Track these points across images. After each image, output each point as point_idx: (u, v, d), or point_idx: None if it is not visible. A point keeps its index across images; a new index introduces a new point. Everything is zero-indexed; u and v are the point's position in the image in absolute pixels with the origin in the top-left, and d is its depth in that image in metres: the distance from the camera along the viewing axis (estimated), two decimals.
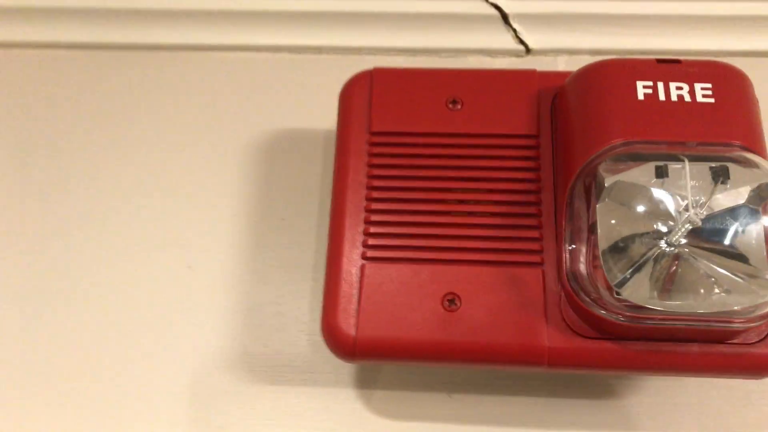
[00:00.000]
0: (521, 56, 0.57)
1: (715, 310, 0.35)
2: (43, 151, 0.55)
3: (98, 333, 0.49)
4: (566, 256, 0.38)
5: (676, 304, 0.35)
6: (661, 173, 0.36)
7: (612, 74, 0.40)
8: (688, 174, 0.35)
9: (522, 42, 0.56)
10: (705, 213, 0.35)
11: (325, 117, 0.54)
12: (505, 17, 0.56)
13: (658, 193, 0.36)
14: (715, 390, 0.46)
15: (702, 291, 0.35)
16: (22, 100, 0.57)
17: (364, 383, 0.47)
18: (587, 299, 0.37)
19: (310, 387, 0.47)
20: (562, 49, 0.56)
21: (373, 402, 0.46)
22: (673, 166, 0.36)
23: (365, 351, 0.39)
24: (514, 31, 0.56)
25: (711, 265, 0.35)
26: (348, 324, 0.39)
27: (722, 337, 0.37)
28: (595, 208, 0.37)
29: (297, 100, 0.55)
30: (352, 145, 0.43)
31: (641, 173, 0.36)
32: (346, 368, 0.47)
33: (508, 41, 0.57)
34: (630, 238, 0.36)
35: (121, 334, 0.48)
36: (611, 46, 0.56)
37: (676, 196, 0.35)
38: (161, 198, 0.52)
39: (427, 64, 0.57)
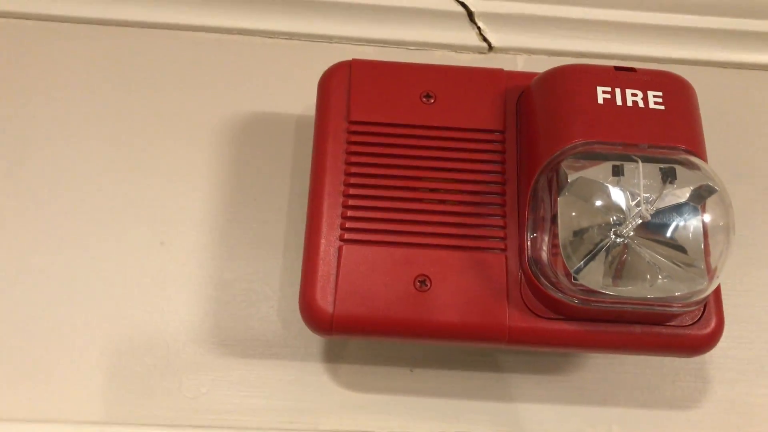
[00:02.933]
0: (484, 53, 0.60)
1: (658, 295, 0.39)
2: (15, 125, 0.54)
3: (72, 306, 0.49)
4: (528, 243, 0.42)
5: (625, 289, 0.39)
6: (617, 172, 0.40)
7: (575, 79, 0.43)
8: (642, 173, 0.39)
9: (485, 39, 0.59)
10: (654, 209, 0.39)
11: (296, 102, 0.56)
12: (470, 15, 0.59)
13: (614, 190, 0.40)
14: (649, 368, 0.51)
15: (648, 277, 0.39)
16: None
17: (332, 358, 0.49)
18: (546, 283, 0.40)
19: (279, 360, 0.49)
20: (521, 48, 0.60)
21: (340, 375, 0.49)
22: (628, 166, 0.40)
23: (341, 327, 0.41)
24: (479, 29, 0.59)
25: (655, 254, 0.39)
26: (326, 301, 0.41)
27: (662, 319, 0.41)
28: (557, 200, 0.40)
29: (268, 84, 0.57)
30: (331, 132, 0.45)
31: (600, 171, 0.40)
32: (314, 343, 0.50)
33: (472, 38, 0.60)
34: (587, 229, 0.39)
35: (95, 308, 0.49)
36: (568, 48, 0.59)
37: (629, 193, 0.39)
38: (136, 175, 0.53)
39: (395, 55, 0.59)
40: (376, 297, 0.41)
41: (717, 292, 0.43)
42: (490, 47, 0.60)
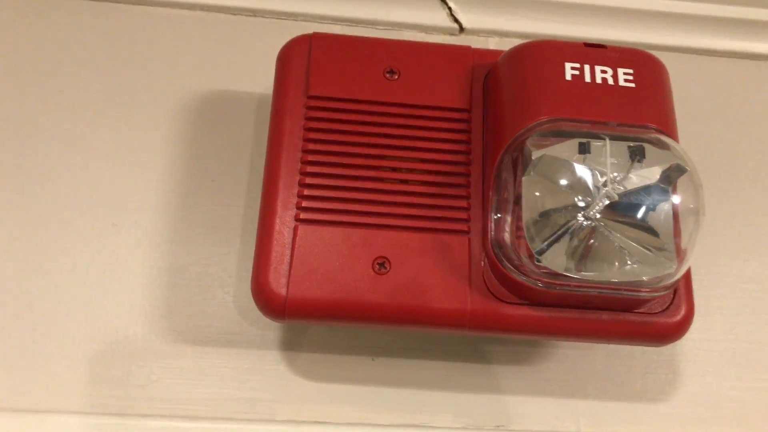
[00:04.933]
0: (455, 34, 0.58)
1: (626, 279, 0.37)
2: None
3: (21, 289, 0.47)
4: (491, 225, 0.40)
5: (590, 273, 0.37)
6: (583, 149, 0.38)
7: (542, 55, 0.42)
8: (609, 151, 0.38)
9: (456, 20, 0.58)
10: (621, 189, 0.37)
11: (258, 80, 0.54)
12: None
13: (580, 169, 0.38)
14: (619, 360, 0.49)
15: (615, 261, 0.37)
16: None
17: (290, 346, 0.47)
18: (509, 266, 0.39)
19: (235, 348, 0.47)
20: (493, 30, 0.58)
21: (298, 364, 0.47)
22: (594, 144, 0.38)
23: (295, 311, 0.39)
24: (449, 9, 0.58)
25: (624, 237, 0.38)
26: (279, 284, 0.39)
27: (630, 305, 0.40)
28: (521, 180, 0.38)
29: (229, 62, 0.55)
30: (288, 108, 0.43)
31: (565, 149, 0.38)
32: (272, 331, 0.47)
33: (443, 19, 0.58)
34: (552, 210, 0.38)
35: (44, 290, 0.47)
36: (540, 31, 0.58)
37: (596, 172, 0.37)
38: (88, 155, 0.51)
39: (363, 34, 0.57)
40: (333, 279, 0.39)
41: (687, 278, 0.41)
42: (462, 29, 0.58)
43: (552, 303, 0.39)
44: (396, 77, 0.44)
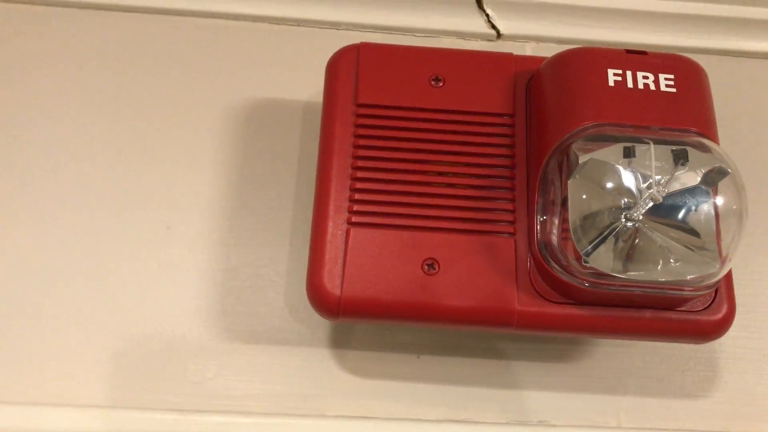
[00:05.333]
0: (492, 40, 0.60)
1: (669, 278, 0.39)
2: (17, 110, 0.54)
3: (78, 292, 0.49)
4: (538, 227, 0.41)
5: (635, 273, 0.38)
6: (628, 153, 0.39)
7: (585, 61, 0.43)
8: (653, 155, 0.39)
9: (494, 27, 0.59)
10: (666, 191, 0.38)
11: (303, 88, 0.56)
12: (479, 1, 0.59)
13: (625, 172, 0.39)
14: (658, 357, 0.50)
15: (659, 261, 0.39)
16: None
17: (338, 344, 0.49)
18: (556, 266, 0.40)
19: (286, 346, 0.49)
20: (530, 36, 0.59)
21: (346, 361, 0.49)
22: (639, 147, 0.39)
23: (349, 310, 0.41)
24: (487, 15, 0.59)
25: (667, 238, 0.39)
26: (333, 284, 0.41)
27: (673, 304, 0.41)
28: (567, 183, 0.40)
29: (276, 71, 0.57)
30: (338, 115, 0.45)
31: (611, 153, 0.39)
32: (321, 329, 0.49)
33: (480, 25, 0.59)
34: (598, 212, 0.39)
35: (101, 293, 0.49)
36: (577, 36, 0.59)
37: (640, 175, 0.39)
38: (142, 161, 0.53)
39: (403, 42, 0.59)
40: (384, 280, 0.41)
41: (728, 278, 0.42)
42: (499, 34, 0.59)
43: (597, 302, 0.41)
44: (441, 84, 0.46)
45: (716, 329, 0.42)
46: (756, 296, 0.52)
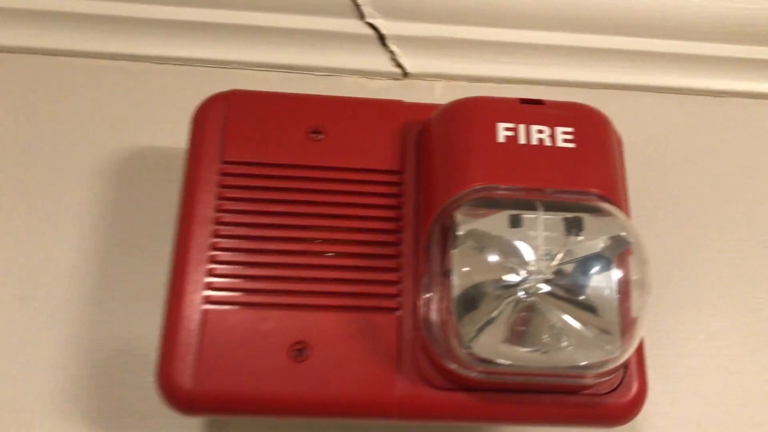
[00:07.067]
0: (398, 79, 0.55)
1: (563, 365, 0.34)
2: None
3: None
4: (421, 303, 0.36)
5: (525, 359, 0.34)
6: (515, 222, 0.34)
7: (474, 114, 0.38)
8: (542, 225, 0.34)
9: (399, 65, 0.54)
10: (556, 265, 0.34)
11: (183, 134, 0.50)
12: (382, 38, 0.54)
13: (513, 243, 0.34)
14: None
15: (554, 345, 0.34)
16: None
17: (217, 427, 0.43)
18: (439, 350, 0.35)
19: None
20: (440, 74, 0.55)
21: None
22: (527, 216, 0.35)
23: (203, 405, 0.35)
24: (391, 53, 0.54)
25: (564, 317, 0.34)
26: (184, 376, 0.35)
27: (574, 389, 0.36)
28: (450, 254, 0.35)
29: (153, 115, 0.51)
30: (201, 175, 0.40)
31: (495, 222, 0.35)
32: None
33: (384, 63, 0.55)
34: (482, 289, 0.34)
35: None
36: (490, 73, 0.55)
37: (530, 246, 0.34)
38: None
39: (300, 82, 0.54)
40: (245, 370, 0.36)
41: (639, 352, 0.38)
42: (405, 73, 0.55)
43: (489, 388, 0.35)
44: (321, 137, 0.41)
45: (626, 413, 0.37)
46: (678, 357, 0.47)
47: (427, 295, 0.36)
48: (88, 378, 0.44)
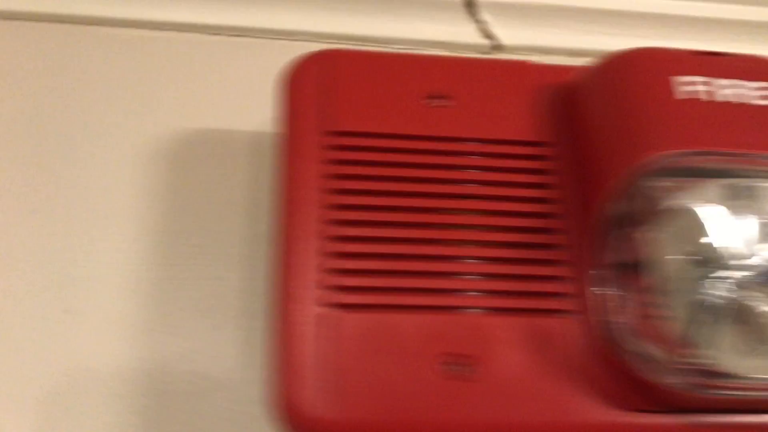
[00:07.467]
0: (487, 53, 0.48)
1: None
2: None
3: None
4: (601, 302, 0.29)
5: (762, 369, 0.26)
6: (734, 194, 0.27)
7: (646, 68, 0.32)
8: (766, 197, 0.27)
9: (489, 36, 0.48)
10: None
11: (250, 114, 0.44)
12: (470, 4, 0.47)
13: (729, 221, 0.27)
14: None
15: None
16: None
17: None
18: (639, 361, 0.28)
19: None
20: (534, 47, 0.49)
21: None
22: (743, 184, 0.28)
23: None
24: (481, 22, 0.48)
25: None
26: (316, 403, 0.28)
27: None
28: (641, 239, 0.28)
29: (214, 93, 0.45)
30: (302, 149, 0.33)
31: (707, 195, 0.28)
32: None
33: (470, 34, 0.48)
34: (696, 281, 0.27)
35: None
36: (592, 46, 0.48)
37: (758, 225, 0.27)
38: (36, 217, 0.40)
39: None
40: (389, 391, 0.28)
41: None
42: (495, 46, 0.48)
43: (704, 408, 0.28)
44: (444, 104, 0.34)
45: None
46: None
47: (609, 292, 0.29)
48: (153, 407, 0.37)
